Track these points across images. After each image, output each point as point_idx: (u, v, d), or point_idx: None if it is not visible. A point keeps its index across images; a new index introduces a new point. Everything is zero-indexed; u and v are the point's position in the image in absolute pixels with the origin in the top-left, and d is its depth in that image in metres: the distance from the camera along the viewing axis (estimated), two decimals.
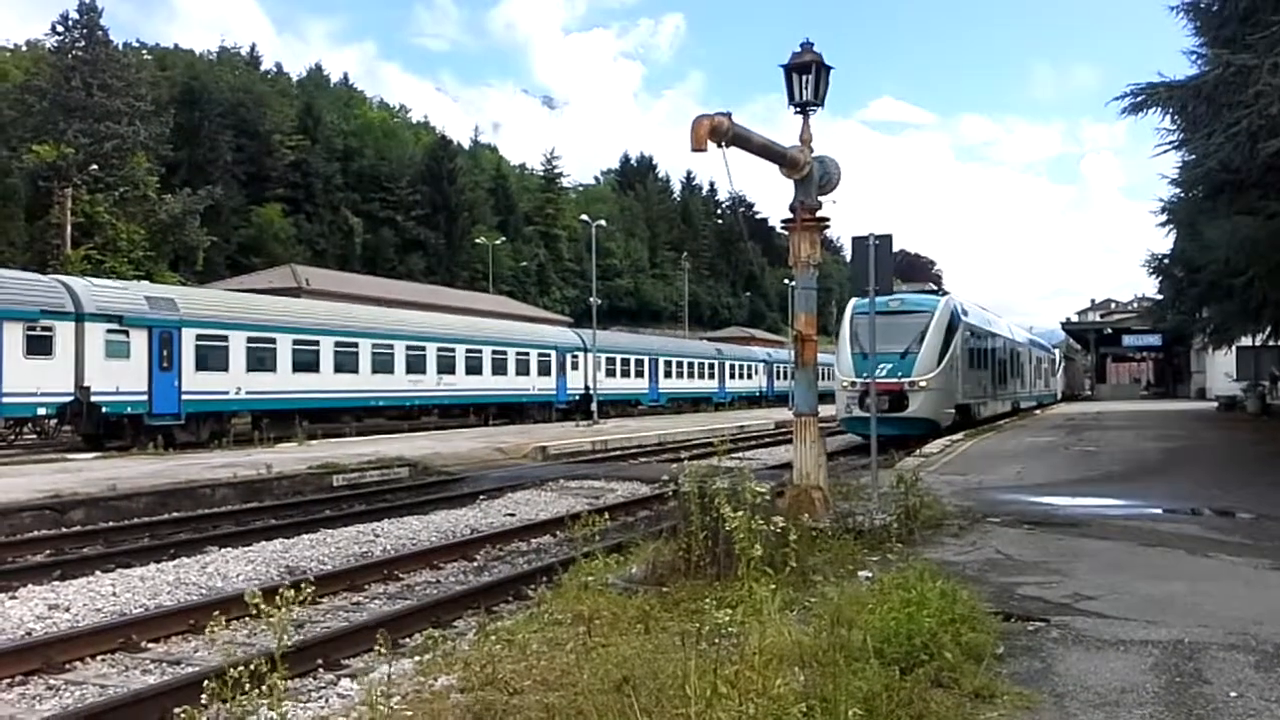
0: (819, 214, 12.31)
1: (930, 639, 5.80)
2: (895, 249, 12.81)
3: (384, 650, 5.56)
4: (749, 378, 67.79)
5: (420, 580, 11.60)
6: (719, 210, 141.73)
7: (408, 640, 8.32)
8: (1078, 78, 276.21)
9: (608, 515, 12.72)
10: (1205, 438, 26.67)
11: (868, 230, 12.92)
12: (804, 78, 12.09)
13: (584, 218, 69.15)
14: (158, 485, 17.46)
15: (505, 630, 6.88)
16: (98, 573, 11.65)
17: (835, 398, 27.59)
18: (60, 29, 66.03)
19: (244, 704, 4.01)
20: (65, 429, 26.68)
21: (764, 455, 27.66)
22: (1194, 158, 19.10)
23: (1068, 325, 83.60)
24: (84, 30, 65.25)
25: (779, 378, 68.55)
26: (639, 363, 53.76)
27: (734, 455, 25.04)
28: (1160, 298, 38.90)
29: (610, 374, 49.92)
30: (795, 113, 12.27)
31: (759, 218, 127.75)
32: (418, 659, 6.59)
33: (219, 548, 13.33)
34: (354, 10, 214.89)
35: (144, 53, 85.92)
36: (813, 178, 12.14)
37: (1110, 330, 73.98)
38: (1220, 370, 48.54)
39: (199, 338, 27.90)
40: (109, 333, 25.52)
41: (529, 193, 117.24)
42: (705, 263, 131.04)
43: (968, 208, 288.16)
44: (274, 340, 30.53)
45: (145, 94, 67.43)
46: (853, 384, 26.08)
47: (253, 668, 4.01)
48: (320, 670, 7.75)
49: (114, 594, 10.68)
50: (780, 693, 4.59)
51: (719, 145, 10.51)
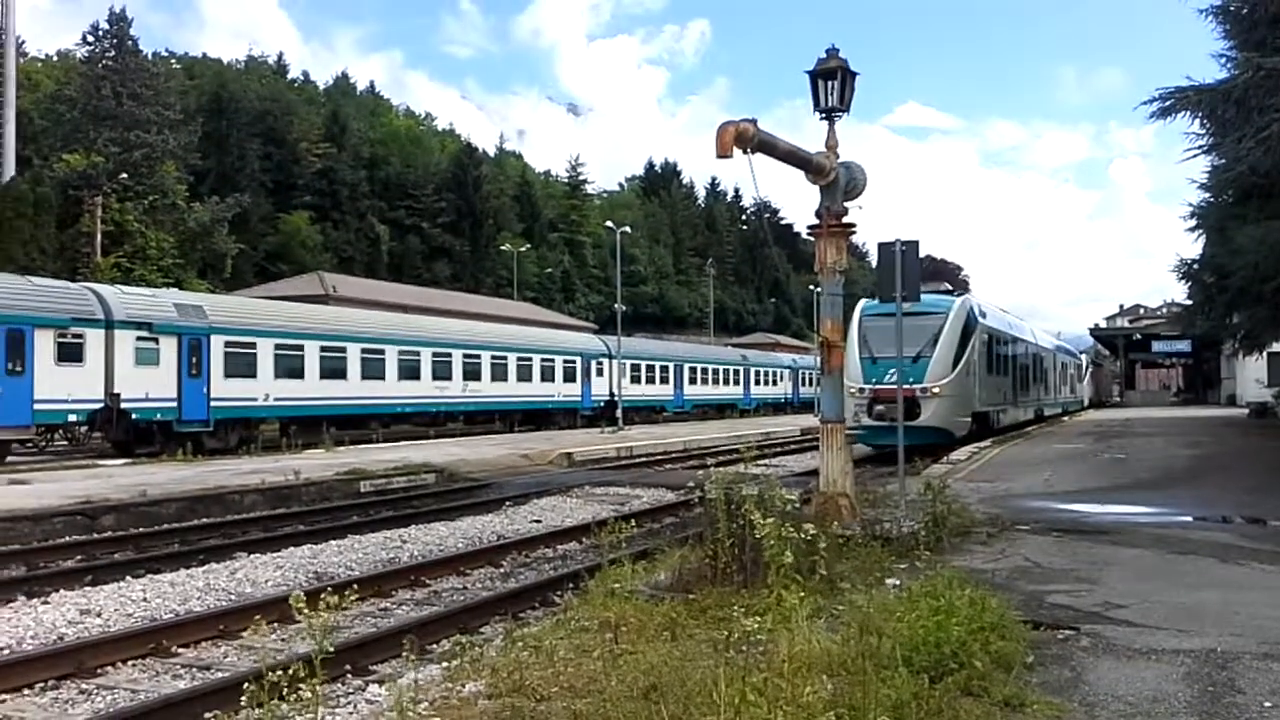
0: (845, 220, 12.33)
1: (959, 647, 5.76)
2: (921, 254, 12.80)
3: (412, 656, 5.59)
4: (774, 384, 67.62)
5: (447, 586, 11.63)
6: (744, 216, 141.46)
7: (435, 646, 8.35)
8: (1105, 81, 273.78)
9: (634, 522, 12.81)
10: (1236, 445, 26.41)
11: (894, 236, 12.92)
12: (829, 84, 12.11)
13: (608, 224, 68.96)
14: (187, 491, 17.60)
15: (532, 637, 6.89)
16: (128, 578, 11.74)
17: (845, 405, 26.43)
18: (90, 39, 67.19)
19: (276, 709, 4.04)
20: (95, 435, 26.92)
21: (790, 462, 27.57)
22: (1223, 162, 18.98)
23: (1096, 331, 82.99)
24: (114, 40, 66.19)
25: (804, 384, 68.17)
26: (664, 369, 53.69)
27: (760, 462, 25.21)
28: (1189, 303, 38.37)
29: (635, 380, 49.91)
30: (821, 119, 12.32)
31: (784, 223, 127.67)
32: (445, 665, 6.61)
33: (248, 553, 13.40)
34: (381, 19, 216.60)
35: (173, 62, 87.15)
36: (838, 183, 12.14)
37: (1139, 336, 73.23)
38: (1251, 376, 48.02)
39: (227, 345, 28.09)
40: (139, 340, 25.73)
41: (553, 199, 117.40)
42: (730, 269, 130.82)
43: (994, 213, 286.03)
44: (301, 347, 30.74)
45: (174, 103, 68.35)
46: (860, 390, 24.59)
47: (291, 672, 4.04)
48: (349, 675, 7.78)
49: (144, 599, 10.77)
50: (809, 701, 4.59)
51: (744, 152, 10.54)
